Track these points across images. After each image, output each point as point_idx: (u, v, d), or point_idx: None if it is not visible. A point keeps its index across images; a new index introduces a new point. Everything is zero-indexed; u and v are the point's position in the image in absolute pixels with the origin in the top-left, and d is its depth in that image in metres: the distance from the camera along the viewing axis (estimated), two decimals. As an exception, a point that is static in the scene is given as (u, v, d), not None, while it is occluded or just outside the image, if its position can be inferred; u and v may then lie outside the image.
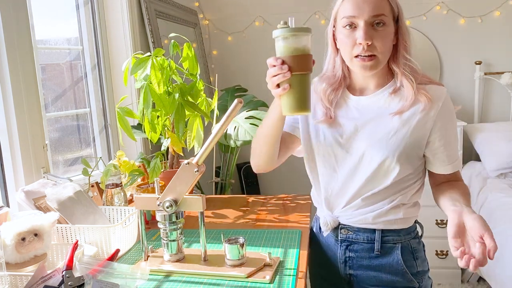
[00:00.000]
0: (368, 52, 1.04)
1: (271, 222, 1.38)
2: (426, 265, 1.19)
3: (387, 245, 1.14)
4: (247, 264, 1.05)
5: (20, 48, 1.41)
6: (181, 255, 1.10)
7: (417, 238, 1.19)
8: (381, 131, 1.09)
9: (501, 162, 2.55)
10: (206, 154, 1.03)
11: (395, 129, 1.08)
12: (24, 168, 1.41)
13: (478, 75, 2.91)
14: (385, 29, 1.05)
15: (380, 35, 1.04)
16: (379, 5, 1.04)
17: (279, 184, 3.18)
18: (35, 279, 0.88)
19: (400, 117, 1.08)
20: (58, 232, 1.15)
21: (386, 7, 1.05)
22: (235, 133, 2.00)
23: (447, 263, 2.76)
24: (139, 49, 2.05)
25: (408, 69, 1.09)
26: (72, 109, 1.91)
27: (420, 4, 2.97)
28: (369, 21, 1.04)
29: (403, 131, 1.08)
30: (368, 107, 1.13)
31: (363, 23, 1.03)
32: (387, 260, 1.14)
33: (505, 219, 2.06)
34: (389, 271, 1.14)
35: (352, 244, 1.17)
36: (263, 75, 1.03)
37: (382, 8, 1.04)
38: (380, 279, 1.15)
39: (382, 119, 1.10)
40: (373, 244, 1.15)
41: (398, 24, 1.08)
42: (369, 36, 1.03)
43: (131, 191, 1.54)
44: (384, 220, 1.13)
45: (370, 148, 1.09)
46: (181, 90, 1.45)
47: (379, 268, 1.15)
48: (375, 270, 1.15)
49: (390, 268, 1.14)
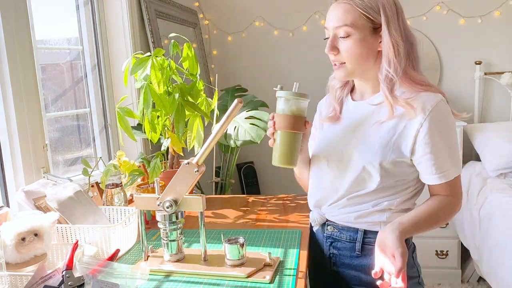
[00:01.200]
0: (337, 60, 1.11)
1: (271, 222, 1.38)
2: (415, 272, 1.18)
3: (368, 247, 1.14)
4: (247, 264, 1.05)
5: (20, 48, 1.41)
6: (181, 255, 1.10)
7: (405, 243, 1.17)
8: (368, 136, 1.11)
9: (501, 162, 2.54)
10: (206, 154, 1.03)
11: (381, 136, 1.09)
12: (24, 168, 1.41)
13: (478, 75, 2.91)
14: (350, 40, 1.07)
15: (345, 45, 1.09)
16: (342, 17, 1.07)
17: (279, 184, 3.17)
18: (35, 279, 0.88)
19: (387, 124, 1.09)
20: (58, 232, 1.15)
21: (350, 18, 1.06)
22: (235, 133, 2.00)
23: (447, 263, 2.76)
24: (139, 49, 2.05)
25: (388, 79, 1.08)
26: (72, 109, 1.91)
27: (420, 4, 2.96)
28: (334, 32, 1.09)
29: (387, 139, 1.08)
30: (361, 111, 1.16)
31: (331, 34, 1.10)
32: (367, 261, 1.14)
33: (505, 219, 2.06)
34: (369, 273, 1.12)
35: (336, 241, 1.19)
36: (263, 75, 1.05)
37: (344, 19, 1.06)
38: (361, 279, 1.16)
39: (371, 125, 1.12)
40: (354, 244, 1.16)
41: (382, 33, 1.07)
42: (332, 48, 1.10)
43: (131, 191, 1.54)
44: (366, 221, 1.13)
45: (357, 152, 1.12)
46: (181, 90, 1.45)
47: (359, 268, 1.15)
48: (356, 269, 1.16)
49: (370, 269, 1.12)
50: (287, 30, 3.10)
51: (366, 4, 1.06)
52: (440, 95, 1.08)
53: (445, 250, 2.75)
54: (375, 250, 1.03)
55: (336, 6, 1.09)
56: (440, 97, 1.08)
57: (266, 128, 1.97)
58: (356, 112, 1.17)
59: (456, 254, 2.75)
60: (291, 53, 3.09)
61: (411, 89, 1.08)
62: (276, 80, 3.30)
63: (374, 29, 1.08)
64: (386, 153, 1.08)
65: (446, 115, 1.07)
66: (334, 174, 1.16)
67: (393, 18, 1.07)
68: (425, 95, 1.07)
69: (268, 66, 3.12)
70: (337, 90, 1.23)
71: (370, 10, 1.06)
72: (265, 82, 3.06)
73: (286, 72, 3.12)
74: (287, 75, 3.10)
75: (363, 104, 1.16)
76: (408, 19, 3.26)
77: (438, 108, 1.05)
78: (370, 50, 1.09)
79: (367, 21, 1.06)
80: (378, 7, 1.06)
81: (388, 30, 1.07)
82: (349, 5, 1.06)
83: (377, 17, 1.07)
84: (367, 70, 1.12)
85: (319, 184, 1.21)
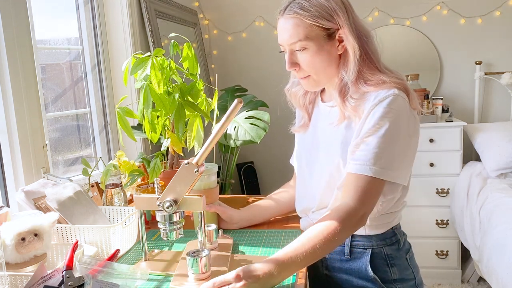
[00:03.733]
0: (300, 75, 1.12)
1: (271, 222, 1.38)
2: (410, 274, 1.16)
3: (357, 250, 1.14)
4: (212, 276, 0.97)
5: (20, 48, 1.41)
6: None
7: (395, 245, 1.14)
8: (329, 138, 1.13)
9: (501, 162, 2.54)
10: (206, 154, 1.03)
11: (338, 135, 1.10)
12: (24, 168, 1.41)
13: (478, 75, 2.91)
14: (307, 53, 1.07)
15: (304, 59, 1.08)
16: (293, 32, 1.05)
17: (279, 184, 3.16)
18: (35, 279, 0.88)
19: (342, 125, 1.09)
20: (58, 232, 1.15)
21: (302, 32, 1.04)
22: (235, 133, 2.00)
23: (447, 263, 2.76)
24: (139, 49, 2.05)
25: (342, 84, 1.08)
26: (72, 109, 1.91)
27: (420, 4, 2.97)
28: (290, 49, 1.09)
29: (345, 137, 1.08)
30: (325, 113, 1.17)
31: (287, 50, 1.10)
32: (356, 264, 1.13)
33: (505, 219, 2.06)
34: (359, 276, 1.13)
35: None
36: (263, 75, 1.06)
37: (296, 35, 1.05)
38: (351, 283, 1.15)
39: (333, 127, 1.12)
40: (343, 247, 1.15)
41: (337, 38, 1.06)
42: (292, 64, 1.10)
43: (131, 191, 1.54)
44: None
45: (324, 155, 1.13)
46: (181, 90, 1.45)
47: (349, 271, 1.15)
48: (346, 273, 1.15)
49: (359, 273, 1.13)
50: (287, 30, 3.10)
51: (314, 14, 1.03)
52: (392, 91, 1.02)
53: (445, 250, 2.75)
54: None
55: (285, 22, 1.06)
56: (390, 93, 1.02)
57: (266, 128, 1.98)
58: (322, 114, 1.19)
59: (456, 254, 2.75)
60: (291, 53, 3.09)
61: (362, 91, 1.05)
62: (276, 80, 3.30)
63: (329, 35, 1.06)
64: (345, 152, 1.07)
65: (385, 108, 1.00)
66: (312, 182, 1.18)
67: (344, 19, 1.05)
68: (373, 95, 1.04)
69: (268, 66, 3.12)
70: (301, 98, 1.23)
71: (319, 19, 1.03)
72: (265, 82, 3.06)
73: (286, 72, 3.11)
74: (287, 75, 3.09)
75: (325, 107, 1.18)
76: (408, 19, 3.25)
77: (380, 103, 1.01)
78: (330, 56, 1.07)
79: (319, 30, 1.04)
80: (327, 13, 1.04)
81: (343, 34, 1.05)
82: (298, 19, 1.04)
83: (328, 24, 1.04)
84: (332, 75, 1.11)
85: (302, 192, 1.24)
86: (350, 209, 0.99)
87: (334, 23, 1.04)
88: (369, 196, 1.01)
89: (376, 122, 1.01)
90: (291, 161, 1.37)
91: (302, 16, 1.03)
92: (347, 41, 1.05)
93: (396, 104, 1.01)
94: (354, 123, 1.08)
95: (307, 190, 1.22)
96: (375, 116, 1.01)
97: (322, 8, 1.03)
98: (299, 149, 1.28)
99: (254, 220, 1.34)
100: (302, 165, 1.24)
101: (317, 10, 1.03)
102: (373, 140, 1.01)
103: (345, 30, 1.04)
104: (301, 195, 1.26)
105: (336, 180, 1.10)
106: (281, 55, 1.18)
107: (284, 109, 1.34)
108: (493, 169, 2.57)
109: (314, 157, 1.18)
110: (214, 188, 1.30)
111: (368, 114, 1.02)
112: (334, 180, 1.11)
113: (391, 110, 1.01)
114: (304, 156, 1.23)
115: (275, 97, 1.12)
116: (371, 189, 1.01)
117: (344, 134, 1.09)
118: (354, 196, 1.01)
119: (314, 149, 1.18)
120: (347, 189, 1.03)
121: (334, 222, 0.97)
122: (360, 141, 1.03)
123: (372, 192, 1.01)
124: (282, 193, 1.39)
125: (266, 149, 3.15)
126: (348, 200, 1.01)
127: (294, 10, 1.05)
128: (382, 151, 1.00)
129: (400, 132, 1.02)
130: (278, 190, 1.41)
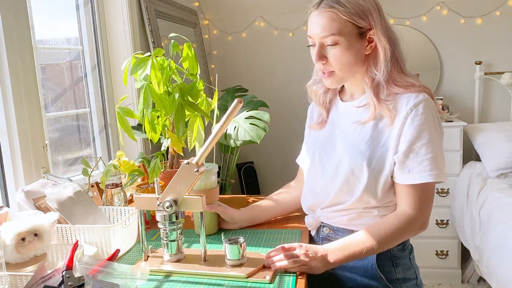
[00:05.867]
0: (326, 69, 1.11)
1: (271, 222, 1.38)
2: (412, 274, 1.18)
3: None
4: (247, 264, 1.05)
5: (20, 48, 1.41)
6: (181, 255, 1.10)
7: (400, 245, 1.16)
8: (353, 137, 1.13)
9: (501, 162, 2.54)
10: (206, 154, 1.03)
11: (365, 135, 1.11)
12: (24, 168, 1.41)
13: (478, 75, 2.91)
14: (338, 48, 1.07)
15: (333, 54, 1.08)
16: (327, 26, 1.06)
17: (279, 184, 3.16)
18: (35, 279, 0.88)
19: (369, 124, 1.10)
20: (58, 232, 1.15)
21: (336, 26, 1.05)
22: (235, 133, 2.00)
23: (447, 263, 2.76)
24: (139, 49, 2.05)
25: (375, 83, 1.10)
26: (72, 109, 1.91)
27: (420, 4, 2.96)
28: (321, 42, 1.08)
29: (372, 137, 1.10)
30: (349, 112, 1.17)
31: (317, 43, 1.09)
32: (362, 262, 1.14)
33: (505, 219, 2.06)
34: (364, 274, 1.14)
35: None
36: (263, 75, 1.06)
37: (330, 28, 1.05)
38: (356, 281, 1.15)
39: (355, 126, 1.13)
40: None
41: (370, 38, 1.08)
42: (320, 57, 1.09)
43: (131, 191, 1.54)
44: (359, 223, 1.13)
45: (344, 154, 1.13)
46: (181, 90, 1.45)
47: (355, 270, 1.15)
48: (351, 271, 1.16)
49: (365, 271, 1.13)
50: (287, 30, 3.10)
51: (350, 10, 1.05)
52: (422, 95, 1.07)
53: (445, 250, 2.75)
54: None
55: (320, 15, 1.07)
56: (421, 97, 1.07)
57: (266, 128, 1.98)
58: (344, 113, 1.19)
59: (456, 254, 2.76)
60: (291, 53, 3.09)
61: (393, 92, 1.09)
62: (276, 80, 3.31)
63: (360, 34, 1.07)
64: (371, 153, 1.09)
65: (425, 114, 1.06)
66: (325, 179, 1.18)
67: (377, 20, 1.07)
68: (405, 97, 1.07)
69: (268, 66, 3.12)
70: (321, 96, 1.23)
71: (354, 17, 1.05)
72: (265, 82, 3.06)
73: (286, 72, 3.12)
74: (287, 75, 3.10)
75: (350, 106, 1.18)
76: (408, 19, 3.25)
77: (419, 108, 1.06)
78: (358, 55, 1.09)
79: (352, 27, 1.06)
80: (362, 12, 1.06)
81: (375, 34, 1.07)
82: (334, 13, 1.05)
83: (361, 22, 1.06)
84: (356, 74, 1.13)
85: (312, 189, 1.23)
86: (412, 219, 1.07)
87: (368, 22, 1.07)
88: (428, 203, 1.09)
89: (418, 129, 1.05)
90: (297, 161, 1.38)
91: (338, 10, 1.05)
92: (379, 41, 1.07)
93: (430, 108, 1.07)
94: (382, 123, 1.09)
95: (318, 187, 1.21)
96: (415, 123, 1.05)
97: (358, 6, 1.06)
98: (311, 145, 1.27)
99: (254, 220, 1.34)
100: (314, 161, 1.23)
101: (353, 7, 1.05)
102: (421, 148, 1.05)
103: (377, 30, 1.07)
104: (311, 192, 1.24)
105: (358, 179, 1.10)
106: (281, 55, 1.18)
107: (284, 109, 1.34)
108: (493, 169, 2.57)
109: (329, 154, 1.18)
110: (214, 188, 1.30)
111: (405, 120, 1.06)
112: (355, 178, 1.11)
113: (428, 115, 1.06)
114: (318, 153, 1.22)
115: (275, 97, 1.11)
116: (428, 195, 1.08)
117: (371, 133, 1.10)
118: (414, 206, 1.07)
119: (330, 147, 1.19)
120: (404, 199, 1.08)
121: (397, 229, 1.06)
122: (408, 150, 1.06)
123: (430, 198, 1.09)
124: (283, 193, 1.39)
125: (266, 149, 3.15)
126: (407, 209, 1.08)
127: (330, 4, 1.06)
128: (435, 155, 1.06)
129: (438, 133, 1.09)
130: (279, 191, 1.41)
